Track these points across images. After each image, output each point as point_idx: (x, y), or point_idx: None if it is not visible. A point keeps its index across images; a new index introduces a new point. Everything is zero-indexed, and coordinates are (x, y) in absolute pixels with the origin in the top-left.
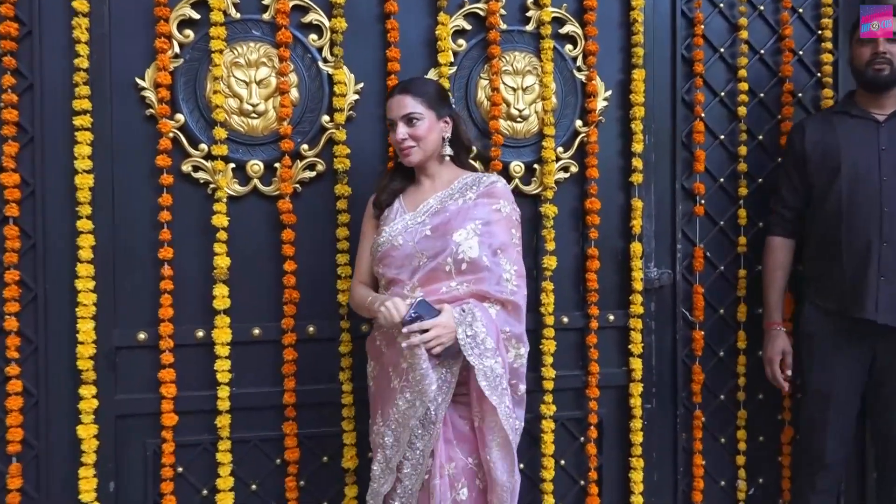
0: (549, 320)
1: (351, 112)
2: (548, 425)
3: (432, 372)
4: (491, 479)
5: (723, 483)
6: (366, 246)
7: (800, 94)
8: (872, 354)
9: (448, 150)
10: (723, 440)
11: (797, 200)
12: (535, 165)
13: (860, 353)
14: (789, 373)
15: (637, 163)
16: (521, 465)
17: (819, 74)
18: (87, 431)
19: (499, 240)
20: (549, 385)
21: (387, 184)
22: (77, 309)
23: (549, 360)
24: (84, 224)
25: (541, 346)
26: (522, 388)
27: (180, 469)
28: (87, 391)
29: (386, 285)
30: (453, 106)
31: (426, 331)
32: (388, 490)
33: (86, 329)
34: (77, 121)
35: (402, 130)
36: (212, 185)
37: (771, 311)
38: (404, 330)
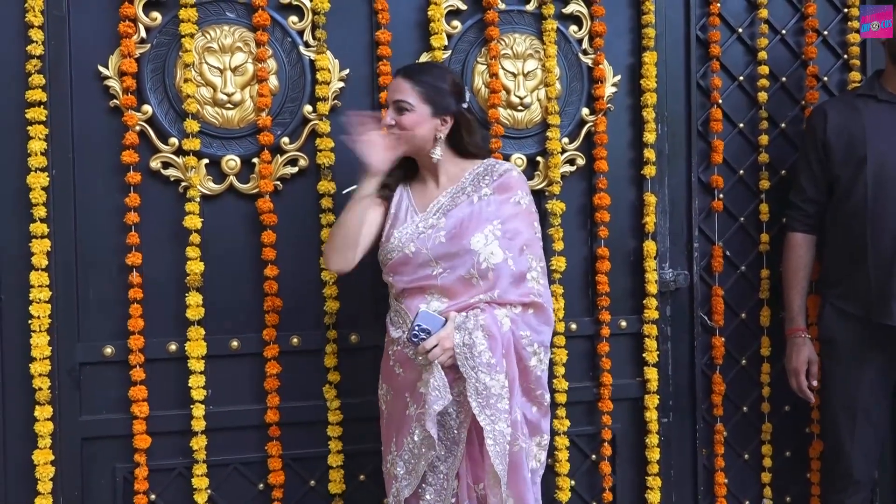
0: (558, 327)
1: (336, 101)
2: (561, 442)
3: (440, 391)
4: None
5: (747, 502)
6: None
7: (825, 78)
8: None
9: (437, 154)
10: (746, 456)
11: (819, 193)
12: (539, 158)
13: (886, 361)
14: (815, 383)
15: (649, 154)
16: None
17: (845, 56)
18: (42, 457)
19: (523, 236)
20: (561, 398)
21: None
22: (30, 322)
23: (560, 370)
24: (37, 228)
25: (551, 356)
26: (547, 396)
27: (153, 496)
28: (42, 412)
29: (397, 295)
30: (465, 103)
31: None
32: None
33: (39, 344)
34: (30, 113)
35: (389, 116)
36: (183, 184)
37: (794, 315)
38: (420, 349)
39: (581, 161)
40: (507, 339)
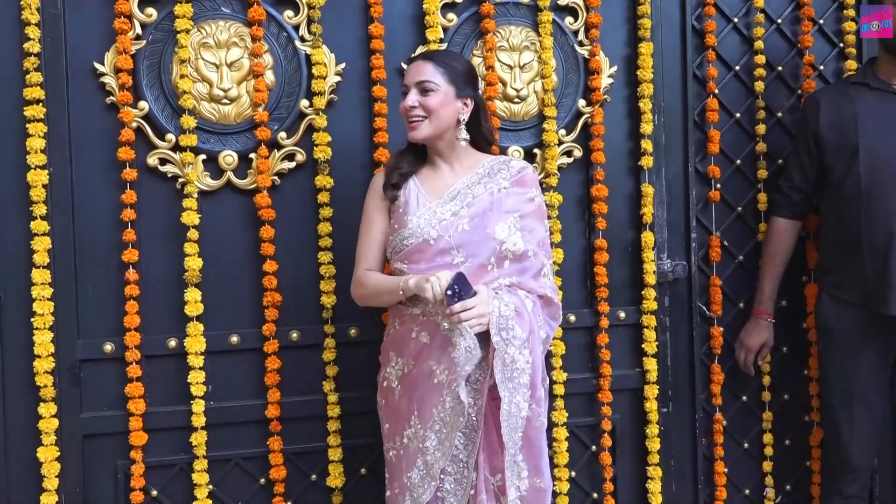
0: None
1: (332, 96)
2: (561, 433)
3: (471, 351)
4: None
5: (747, 491)
6: (374, 233)
7: (821, 67)
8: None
9: (464, 134)
10: (746, 445)
11: (806, 182)
12: (536, 150)
13: (883, 348)
14: (762, 363)
15: (646, 145)
16: None
17: (841, 45)
18: (47, 454)
19: (538, 233)
20: (559, 389)
21: (394, 164)
22: (33, 319)
23: (558, 362)
24: (39, 225)
25: (550, 348)
26: (546, 381)
27: (154, 492)
28: (47, 409)
29: None
30: (480, 91)
31: (468, 309)
32: (428, 500)
33: (42, 342)
34: (28, 111)
35: (412, 97)
36: (181, 180)
37: (763, 298)
38: (455, 307)
39: (578, 153)
40: (531, 319)
